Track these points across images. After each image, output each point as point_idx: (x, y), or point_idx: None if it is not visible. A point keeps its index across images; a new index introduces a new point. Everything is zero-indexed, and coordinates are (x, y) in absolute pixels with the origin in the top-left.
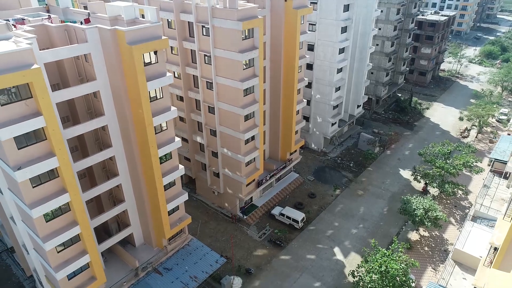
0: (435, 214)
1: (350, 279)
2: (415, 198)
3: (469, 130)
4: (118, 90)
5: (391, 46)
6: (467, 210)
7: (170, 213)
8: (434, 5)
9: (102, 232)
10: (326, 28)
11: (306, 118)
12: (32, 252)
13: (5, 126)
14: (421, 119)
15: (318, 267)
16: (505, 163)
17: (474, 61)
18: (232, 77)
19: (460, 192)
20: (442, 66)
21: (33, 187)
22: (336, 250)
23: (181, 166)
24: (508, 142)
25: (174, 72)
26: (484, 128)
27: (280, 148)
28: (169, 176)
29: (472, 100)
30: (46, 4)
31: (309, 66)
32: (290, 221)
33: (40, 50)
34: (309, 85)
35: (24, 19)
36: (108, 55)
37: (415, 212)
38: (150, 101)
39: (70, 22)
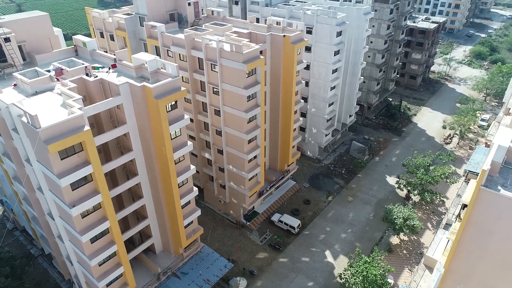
0: (412, 223)
1: (339, 279)
2: (396, 207)
3: (452, 137)
4: (145, 131)
5: (382, 58)
6: (443, 216)
7: (185, 226)
8: (427, 9)
9: (127, 242)
10: (320, 50)
11: (303, 129)
12: (76, 265)
13: (65, 176)
14: (409, 124)
15: (311, 269)
16: (477, 174)
17: (463, 61)
18: (237, 107)
19: (438, 198)
20: (433, 68)
21: (82, 218)
22: (327, 253)
23: (195, 188)
24: (483, 154)
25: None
26: (465, 134)
27: (279, 161)
28: (185, 197)
29: (457, 105)
30: (75, 45)
31: (305, 83)
32: (287, 227)
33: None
34: (305, 99)
35: (63, 69)
36: (137, 105)
37: (395, 221)
38: (171, 139)
39: (100, 67)
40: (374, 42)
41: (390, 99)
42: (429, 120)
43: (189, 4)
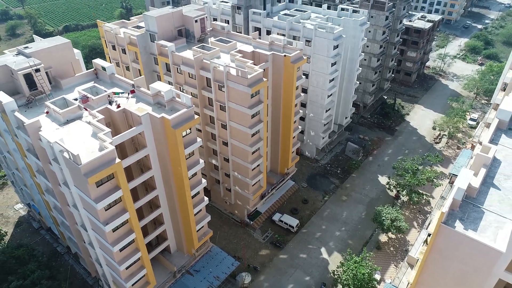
0: (399, 224)
1: (332, 275)
2: (385, 209)
3: (441, 137)
4: (163, 153)
5: (377, 61)
6: (428, 215)
7: (197, 230)
8: (423, 7)
9: (146, 244)
10: (318, 61)
11: (302, 132)
12: (105, 268)
13: (101, 200)
14: (402, 123)
15: (308, 264)
16: None
17: (458, 56)
18: (242, 123)
19: (424, 198)
20: (428, 63)
21: (113, 231)
22: (323, 250)
23: (206, 198)
24: (467, 157)
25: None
26: (455, 134)
27: (279, 165)
28: (198, 207)
29: (449, 102)
30: (95, 69)
31: (304, 90)
32: (287, 226)
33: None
34: (304, 105)
35: (88, 97)
36: (156, 132)
37: (384, 222)
38: (186, 159)
39: (120, 92)
40: (370, 47)
41: (385, 97)
42: (421, 118)
43: (196, 21)
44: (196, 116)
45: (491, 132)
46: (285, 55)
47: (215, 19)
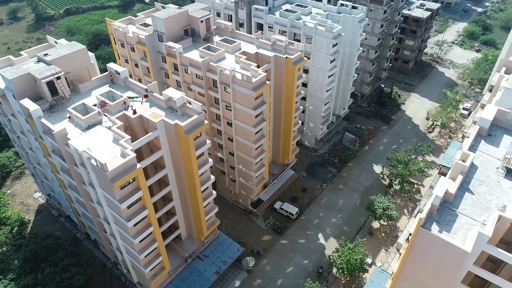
0: (390, 213)
1: (329, 259)
2: (378, 198)
3: (434, 127)
4: (175, 154)
5: (375, 53)
6: (418, 203)
7: (206, 220)
8: None
9: None
10: (318, 58)
11: (301, 123)
12: (126, 255)
13: (124, 201)
14: (398, 112)
15: (306, 249)
16: (449, 168)
17: (456, 42)
18: (246, 122)
19: (415, 187)
20: (425, 50)
21: (134, 226)
22: (320, 235)
23: (214, 192)
24: (456, 149)
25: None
26: (447, 123)
27: (280, 156)
28: (207, 200)
29: (443, 91)
30: (111, 75)
31: (304, 84)
32: (287, 214)
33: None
34: (304, 98)
35: (106, 103)
36: (170, 136)
37: (376, 211)
38: (197, 159)
39: (134, 97)
40: (368, 39)
41: (383, 86)
42: (417, 107)
43: (201, 21)
44: (205, 122)
45: (471, 140)
46: (286, 57)
47: (218, 14)
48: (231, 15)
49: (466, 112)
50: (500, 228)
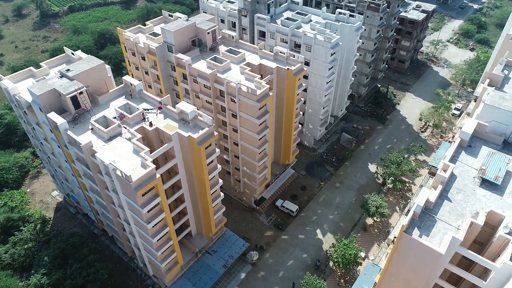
0: (382, 211)
1: (326, 254)
2: (372, 196)
3: (427, 127)
4: (188, 162)
5: (372, 57)
6: (409, 200)
7: (214, 219)
8: None
9: None
10: (317, 65)
11: (301, 124)
12: (143, 252)
13: (145, 206)
14: (393, 111)
15: (305, 244)
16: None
17: (451, 40)
18: (251, 130)
19: (407, 186)
20: (421, 49)
21: (152, 227)
22: (318, 231)
23: (221, 194)
24: (445, 150)
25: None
26: (439, 123)
27: (281, 157)
28: (215, 201)
29: (437, 91)
30: (130, 91)
31: (304, 89)
32: (288, 211)
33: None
34: (303, 102)
35: (124, 115)
36: (183, 146)
37: (370, 209)
38: (207, 165)
39: (150, 108)
40: (365, 44)
41: (379, 85)
42: (411, 107)
43: (208, 33)
44: (215, 133)
45: (452, 151)
46: (288, 68)
47: (222, 20)
48: (234, 22)
49: (457, 112)
50: (473, 232)
